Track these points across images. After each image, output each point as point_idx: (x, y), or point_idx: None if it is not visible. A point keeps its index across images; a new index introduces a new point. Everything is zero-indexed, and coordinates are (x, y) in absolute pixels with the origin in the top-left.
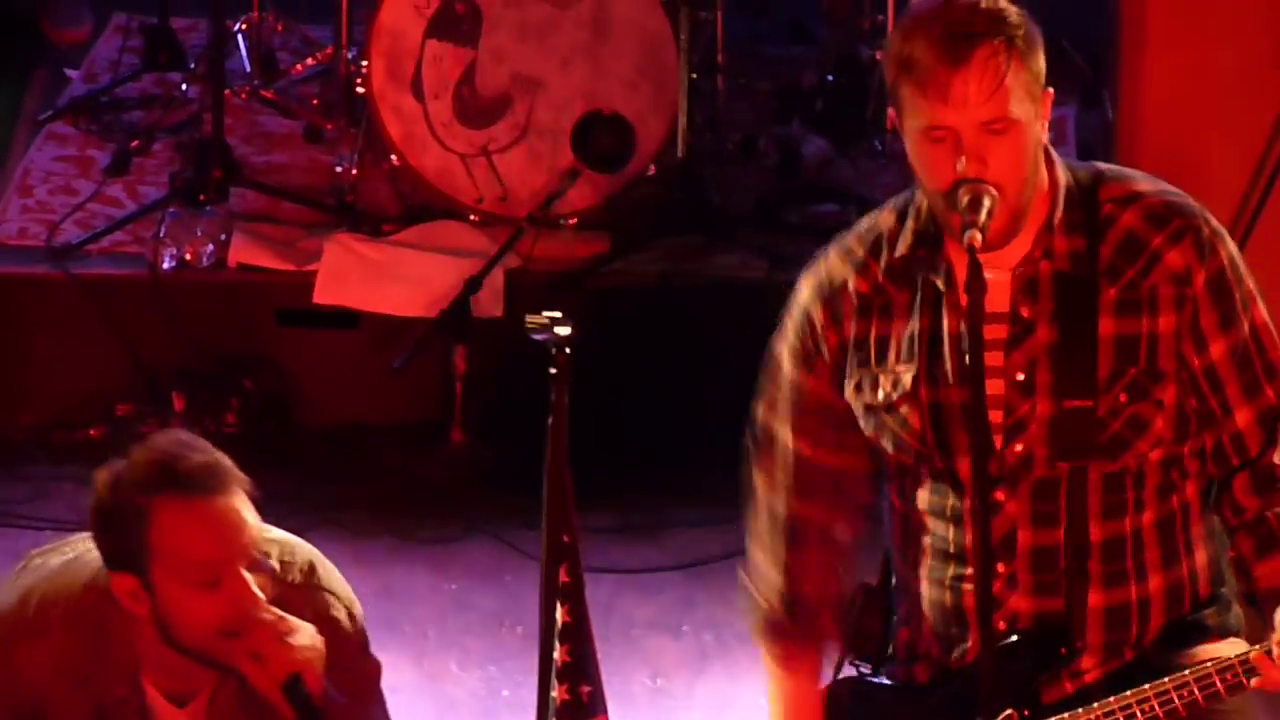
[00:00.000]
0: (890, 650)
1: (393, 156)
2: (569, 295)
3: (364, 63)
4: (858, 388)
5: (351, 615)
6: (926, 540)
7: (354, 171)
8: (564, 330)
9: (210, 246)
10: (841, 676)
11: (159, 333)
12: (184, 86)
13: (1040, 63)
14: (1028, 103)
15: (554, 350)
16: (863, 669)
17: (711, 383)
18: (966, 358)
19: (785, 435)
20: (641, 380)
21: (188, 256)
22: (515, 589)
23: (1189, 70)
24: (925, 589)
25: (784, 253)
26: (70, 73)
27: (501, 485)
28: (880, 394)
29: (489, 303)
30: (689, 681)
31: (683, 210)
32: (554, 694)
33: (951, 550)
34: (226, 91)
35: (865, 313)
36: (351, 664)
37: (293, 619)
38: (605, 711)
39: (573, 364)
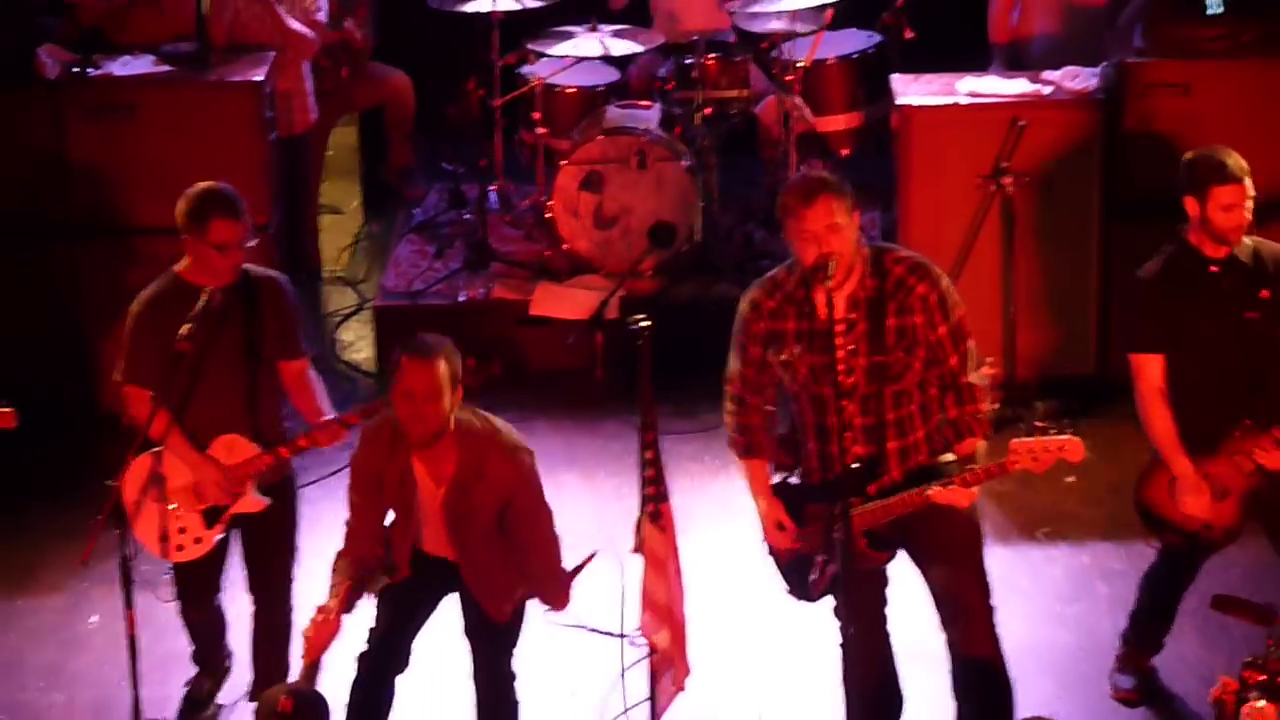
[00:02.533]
0: (799, 471)
1: (565, 245)
2: (648, 307)
3: (551, 202)
4: (774, 352)
5: (514, 447)
6: (811, 423)
7: (547, 252)
8: (646, 323)
9: (482, 290)
10: (776, 481)
11: (456, 332)
12: (466, 216)
13: (851, 198)
14: (845, 216)
15: (641, 333)
16: (787, 477)
17: (715, 343)
18: (826, 341)
19: (739, 367)
20: (683, 342)
21: (472, 294)
22: (629, 441)
23: (933, 193)
24: (813, 446)
25: (747, 285)
26: (415, 211)
27: (620, 395)
28: (784, 357)
29: (612, 311)
30: (710, 482)
31: (700, 265)
32: (647, 489)
33: (824, 427)
34: (488, 218)
35: (773, 317)
36: (509, 468)
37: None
38: (669, 498)
39: (651, 338)
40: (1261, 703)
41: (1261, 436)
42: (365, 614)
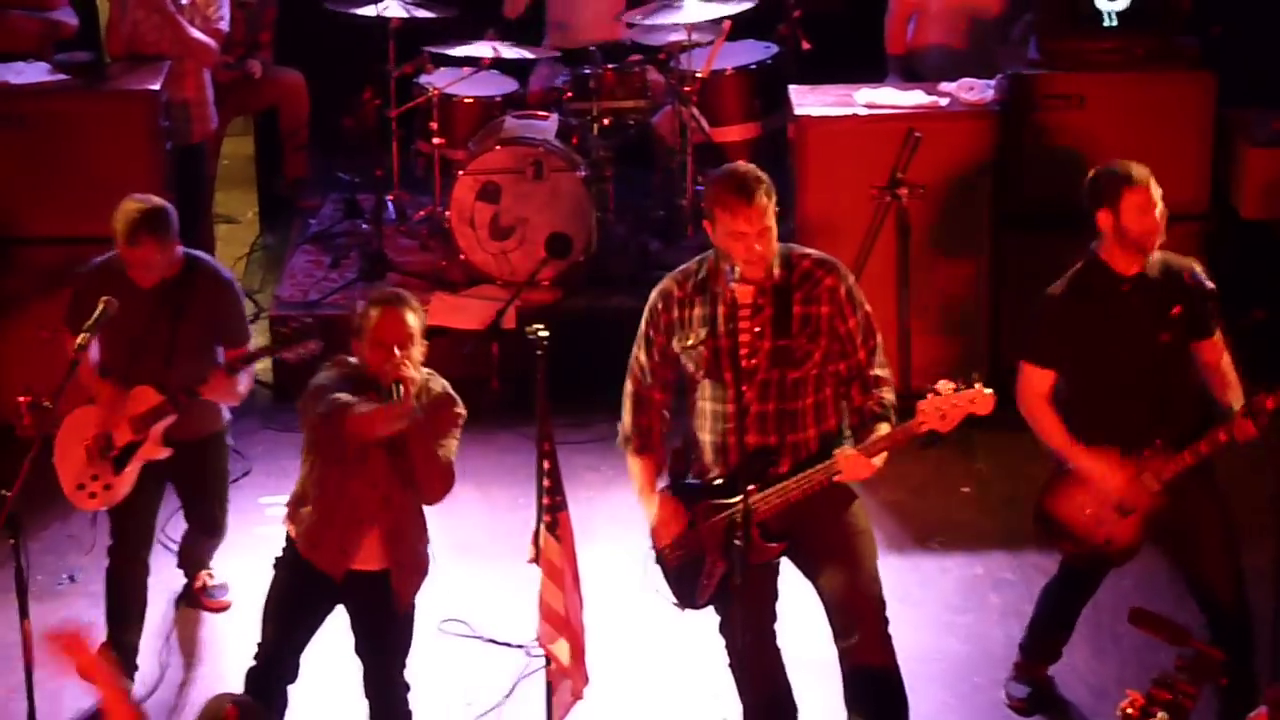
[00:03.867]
0: (690, 474)
1: (461, 256)
2: (544, 317)
3: (448, 213)
4: (678, 339)
5: (454, 397)
6: (708, 412)
7: (443, 263)
8: (544, 334)
9: None
10: (668, 484)
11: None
12: (363, 226)
13: (775, 198)
14: (773, 217)
15: (539, 342)
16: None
17: (611, 354)
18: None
19: (642, 358)
20: (579, 353)
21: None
22: (524, 453)
23: (829, 204)
24: (706, 438)
25: (643, 296)
26: (310, 221)
27: (516, 406)
28: (689, 341)
29: (509, 321)
30: (605, 494)
31: (596, 277)
32: (544, 500)
33: (721, 416)
34: (384, 228)
35: (680, 306)
36: (444, 414)
37: (413, 371)
38: (567, 508)
39: (547, 348)
40: None
41: (1172, 457)
42: (252, 628)
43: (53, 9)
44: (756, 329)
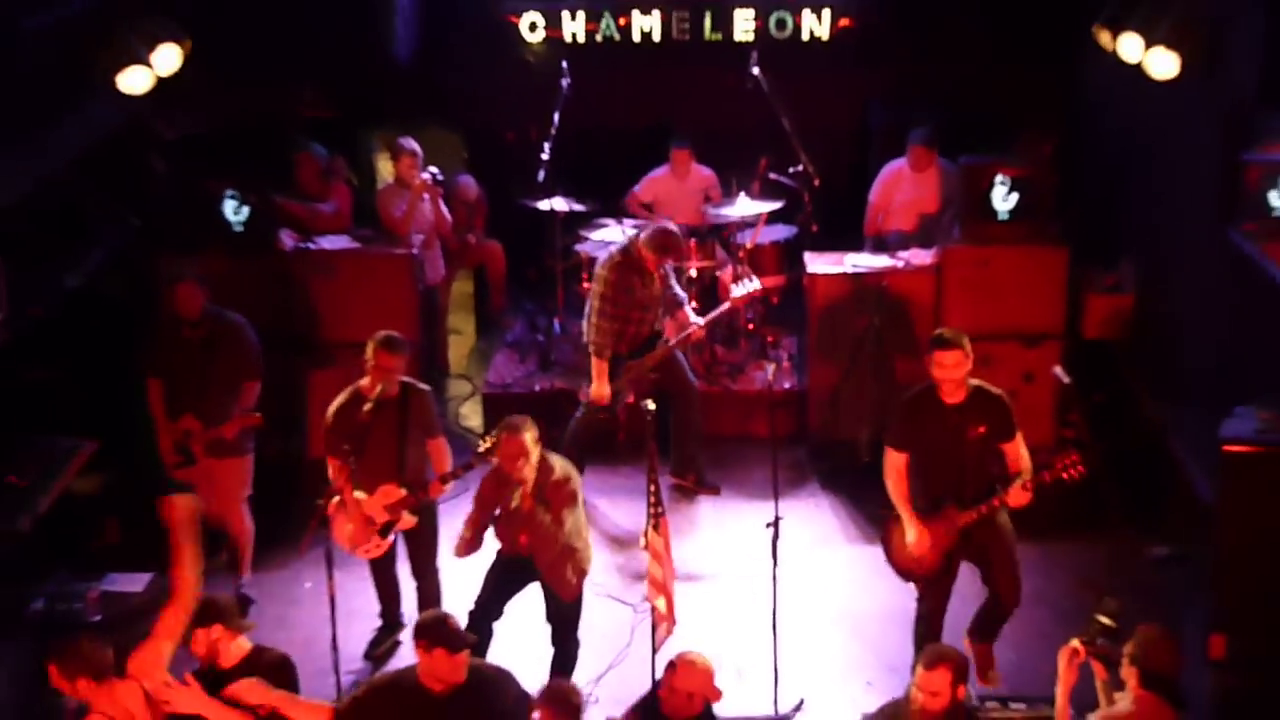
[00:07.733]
0: None
1: None
2: (650, 395)
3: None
4: None
5: (569, 475)
6: None
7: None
8: (651, 407)
9: (549, 384)
10: None
11: (532, 410)
12: (540, 338)
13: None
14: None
15: (648, 412)
16: None
17: None
18: None
19: None
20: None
21: (543, 387)
22: (638, 478)
23: (830, 327)
24: None
25: (708, 385)
26: (508, 334)
27: (633, 451)
28: None
29: (629, 398)
30: (690, 508)
31: None
32: (651, 509)
33: None
34: (554, 339)
35: None
36: (562, 491)
37: (529, 472)
38: (665, 515)
39: (655, 416)
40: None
41: (963, 512)
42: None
43: (320, 201)
44: None
